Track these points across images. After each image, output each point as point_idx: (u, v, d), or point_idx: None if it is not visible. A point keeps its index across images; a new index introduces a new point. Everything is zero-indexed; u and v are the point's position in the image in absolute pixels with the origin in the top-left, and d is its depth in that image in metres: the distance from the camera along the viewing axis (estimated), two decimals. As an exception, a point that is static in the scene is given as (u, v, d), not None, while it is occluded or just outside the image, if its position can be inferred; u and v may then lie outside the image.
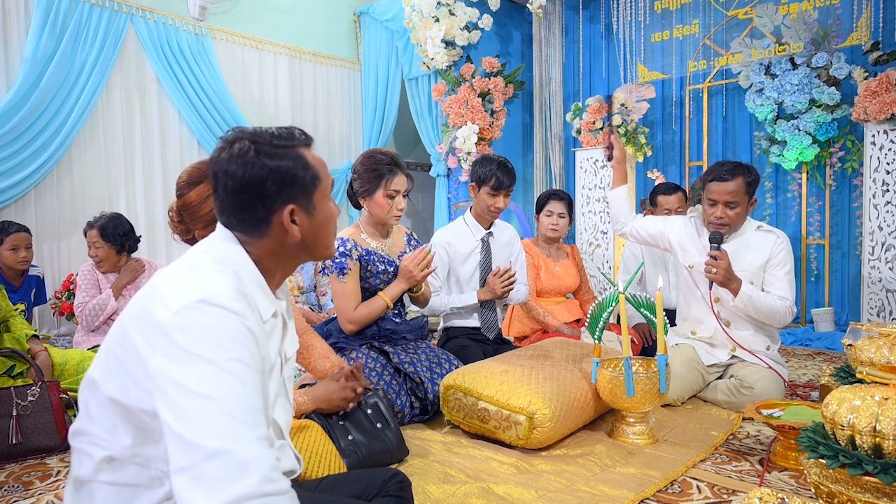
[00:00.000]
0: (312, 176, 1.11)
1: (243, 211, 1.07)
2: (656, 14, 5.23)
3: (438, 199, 5.37)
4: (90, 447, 1.02)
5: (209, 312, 0.95)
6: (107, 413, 1.01)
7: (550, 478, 1.91)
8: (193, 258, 1.07)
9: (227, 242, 1.10)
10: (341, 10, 5.86)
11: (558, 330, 3.21)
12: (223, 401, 0.90)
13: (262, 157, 1.06)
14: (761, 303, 2.52)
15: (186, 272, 1.03)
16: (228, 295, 0.98)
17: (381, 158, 2.52)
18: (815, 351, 3.92)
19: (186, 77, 4.62)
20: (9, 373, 2.43)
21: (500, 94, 4.84)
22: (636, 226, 2.92)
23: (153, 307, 0.97)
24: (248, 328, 0.97)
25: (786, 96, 4.42)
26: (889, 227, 3.89)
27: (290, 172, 1.07)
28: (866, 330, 1.45)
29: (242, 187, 1.05)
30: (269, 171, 1.06)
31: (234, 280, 1.02)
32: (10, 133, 3.72)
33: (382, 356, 2.51)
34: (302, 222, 1.10)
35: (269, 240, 1.10)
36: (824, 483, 1.32)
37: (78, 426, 1.05)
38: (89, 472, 1.02)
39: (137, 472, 1.00)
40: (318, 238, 1.14)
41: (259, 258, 1.11)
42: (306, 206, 1.11)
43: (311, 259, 1.19)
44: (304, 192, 1.10)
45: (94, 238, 3.26)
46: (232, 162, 1.06)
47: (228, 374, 0.92)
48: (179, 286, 0.98)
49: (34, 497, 1.89)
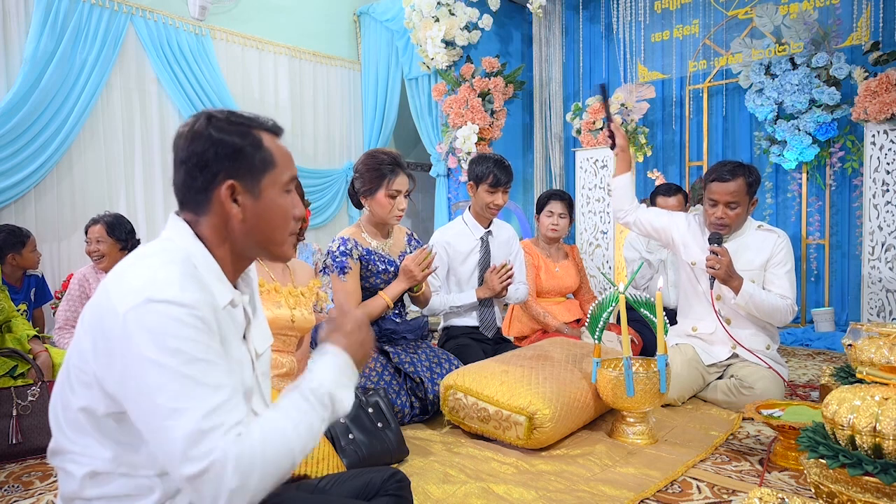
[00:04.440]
0: (263, 158, 1.07)
1: (187, 182, 1.06)
2: (656, 14, 5.23)
3: (438, 199, 5.37)
4: (70, 465, 1.00)
5: (155, 311, 0.91)
6: (80, 426, 0.99)
7: (550, 478, 1.91)
8: (143, 248, 1.05)
9: (178, 230, 1.07)
10: (341, 10, 5.86)
11: (558, 330, 3.21)
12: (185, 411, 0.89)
13: (210, 129, 1.05)
14: (762, 301, 2.52)
15: (132, 265, 1.00)
16: (175, 285, 0.94)
17: (383, 158, 2.53)
18: (815, 351, 3.92)
19: (186, 77, 4.62)
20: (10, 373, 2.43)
21: (500, 94, 4.83)
22: (640, 216, 2.90)
23: (103, 312, 0.95)
24: (200, 318, 0.94)
25: (786, 96, 4.42)
26: (889, 227, 3.89)
27: (234, 146, 1.05)
28: (866, 330, 1.45)
29: (188, 156, 1.04)
30: (213, 141, 1.04)
31: (181, 266, 0.98)
32: (10, 133, 3.72)
33: (382, 356, 2.51)
34: (244, 204, 1.06)
35: (213, 217, 1.06)
36: (824, 483, 1.32)
37: (54, 445, 1.03)
38: (74, 490, 1.00)
39: (124, 484, 0.98)
40: (263, 226, 1.08)
41: (209, 244, 1.07)
42: (250, 186, 1.06)
43: (264, 255, 1.14)
44: (250, 172, 1.06)
45: (99, 233, 3.23)
46: (187, 128, 1.06)
47: (184, 379, 0.90)
48: (125, 283, 0.96)
49: (34, 497, 1.89)
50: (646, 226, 2.89)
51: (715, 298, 2.63)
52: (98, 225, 3.23)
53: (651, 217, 2.88)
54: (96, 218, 3.27)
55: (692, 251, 2.72)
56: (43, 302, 3.73)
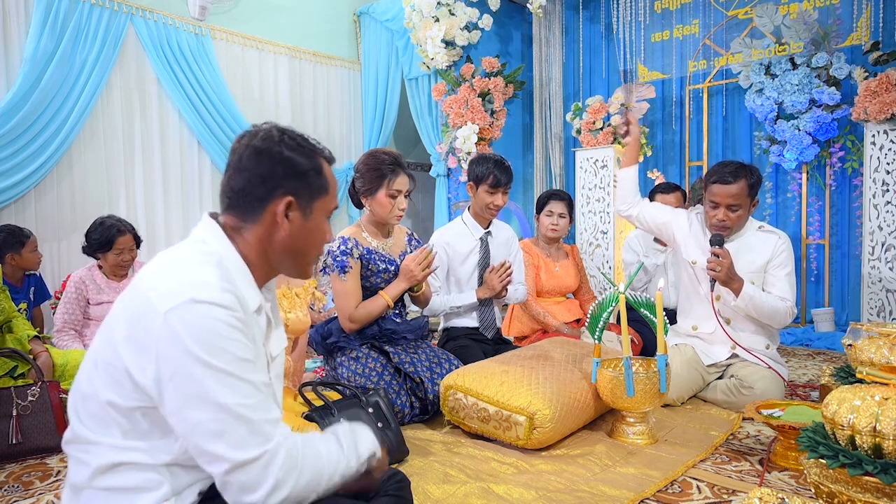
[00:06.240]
0: (321, 184, 1.15)
1: (246, 189, 1.09)
2: (656, 14, 5.23)
3: (438, 199, 5.37)
4: (85, 455, 1.02)
5: (199, 311, 0.95)
6: (104, 418, 1.01)
7: (550, 478, 1.91)
8: (176, 251, 1.07)
9: (212, 233, 1.10)
10: (341, 10, 5.86)
11: (558, 330, 3.21)
12: (232, 406, 0.95)
13: (283, 145, 1.10)
14: (762, 303, 2.52)
15: (170, 266, 1.03)
16: (216, 287, 0.98)
17: (384, 158, 2.53)
18: (815, 351, 3.92)
19: (186, 77, 4.62)
20: (11, 373, 2.43)
21: (500, 94, 4.83)
22: (643, 211, 2.89)
23: (141, 311, 0.97)
24: (239, 319, 0.99)
25: (786, 96, 4.42)
26: (889, 227, 3.89)
27: (302, 168, 1.11)
28: (866, 330, 1.45)
29: (255, 164, 1.09)
30: (284, 158, 1.10)
31: (218, 269, 1.02)
32: (10, 133, 3.72)
33: (383, 356, 2.51)
34: (294, 220, 1.12)
35: (259, 228, 1.11)
36: (824, 483, 1.32)
37: (71, 435, 1.05)
38: (85, 480, 1.02)
39: (133, 476, 1.00)
40: (304, 245, 1.15)
41: (245, 251, 1.11)
42: (304, 206, 1.13)
43: (288, 271, 1.19)
44: (308, 193, 1.13)
45: (130, 242, 3.15)
46: (257, 139, 1.11)
47: (229, 377, 0.95)
48: (165, 284, 0.98)
49: (34, 497, 1.89)
50: (648, 220, 2.88)
51: (714, 299, 2.63)
52: (127, 235, 3.13)
53: (654, 212, 2.87)
54: (120, 227, 3.12)
55: (692, 250, 2.72)
56: (41, 301, 3.73)
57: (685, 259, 2.75)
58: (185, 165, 4.76)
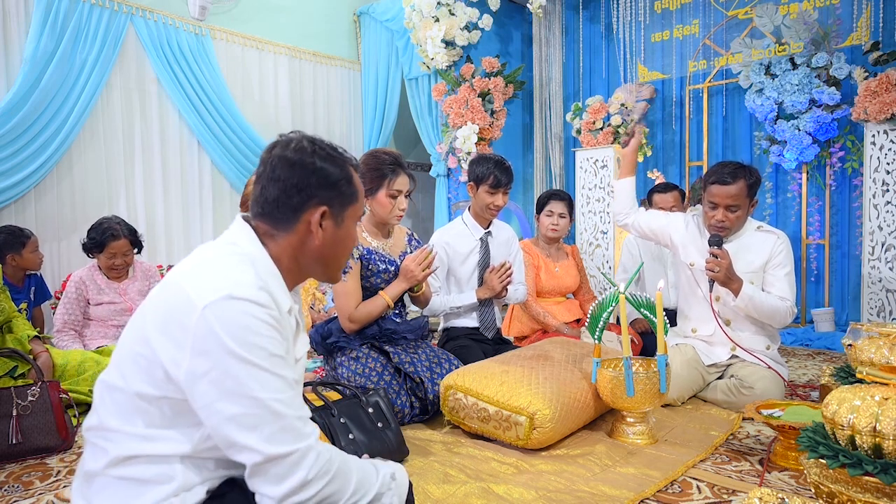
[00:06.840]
0: (352, 193, 1.18)
1: (280, 199, 1.11)
2: (656, 14, 5.23)
3: (438, 199, 5.37)
4: (104, 441, 1.04)
5: (236, 308, 0.97)
6: (130, 408, 1.03)
7: (550, 478, 1.91)
8: (210, 251, 1.10)
9: (246, 236, 1.13)
10: (341, 10, 5.87)
11: (558, 330, 3.21)
12: (267, 400, 0.97)
13: (316, 156, 1.13)
14: (762, 303, 2.52)
15: (206, 263, 1.05)
16: (253, 286, 1.01)
17: (385, 158, 2.53)
18: (815, 351, 3.92)
19: (186, 77, 4.62)
20: (11, 373, 2.43)
21: (500, 94, 4.83)
22: (639, 219, 2.92)
23: (177, 305, 0.99)
24: (275, 317, 1.02)
25: (786, 96, 4.42)
26: (889, 227, 3.89)
27: (334, 178, 1.14)
28: (866, 330, 1.45)
29: (290, 175, 1.11)
30: (318, 168, 1.13)
31: (253, 269, 1.05)
32: (10, 133, 3.72)
33: (383, 356, 2.51)
34: (327, 229, 1.15)
35: (293, 236, 1.14)
36: (824, 483, 1.32)
37: (94, 422, 1.07)
38: (100, 467, 1.03)
39: (148, 469, 1.02)
40: (336, 252, 1.19)
41: (277, 255, 1.13)
42: (337, 215, 1.16)
43: (318, 276, 1.22)
44: (340, 202, 1.16)
45: (125, 247, 3.17)
46: (289, 150, 1.13)
47: (264, 372, 0.98)
48: (203, 280, 1.01)
49: (34, 497, 1.89)
50: (643, 228, 2.90)
51: (714, 300, 2.63)
52: (122, 239, 3.15)
53: (649, 219, 2.89)
54: (114, 231, 3.12)
55: (690, 253, 2.72)
56: (42, 301, 3.73)
57: (683, 261, 2.75)
58: (185, 165, 4.76)
